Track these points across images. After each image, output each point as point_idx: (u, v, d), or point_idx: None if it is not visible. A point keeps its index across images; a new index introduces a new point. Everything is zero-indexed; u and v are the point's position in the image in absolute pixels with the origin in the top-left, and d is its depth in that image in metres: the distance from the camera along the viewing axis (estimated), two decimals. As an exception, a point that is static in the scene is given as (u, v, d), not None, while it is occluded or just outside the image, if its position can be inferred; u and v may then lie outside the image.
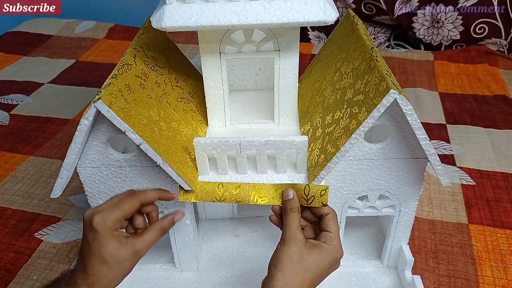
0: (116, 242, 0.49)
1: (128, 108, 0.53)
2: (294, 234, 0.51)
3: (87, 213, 0.50)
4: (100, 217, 0.49)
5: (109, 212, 0.49)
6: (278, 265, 0.50)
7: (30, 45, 1.58)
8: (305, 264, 0.50)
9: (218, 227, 0.81)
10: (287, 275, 0.49)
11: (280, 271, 0.49)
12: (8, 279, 0.73)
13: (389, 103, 0.50)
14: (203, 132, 0.68)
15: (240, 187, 0.58)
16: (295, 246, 0.51)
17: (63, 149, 1.04)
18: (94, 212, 0.50)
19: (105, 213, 0.49)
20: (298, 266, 0.50)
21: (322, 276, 0.52)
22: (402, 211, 0.64)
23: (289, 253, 0.50)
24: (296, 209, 0.54)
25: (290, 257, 0.50)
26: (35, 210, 0.87)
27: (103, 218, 0.49)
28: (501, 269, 0.73)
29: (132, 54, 0.61)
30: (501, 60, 1.38)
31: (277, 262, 0.50)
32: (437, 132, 1.07)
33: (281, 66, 0.64)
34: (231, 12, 0.55)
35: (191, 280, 0.71)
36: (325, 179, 0.58)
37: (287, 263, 0.50)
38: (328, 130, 0.58)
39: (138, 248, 0.50)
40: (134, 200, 0.51)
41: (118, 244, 0.49)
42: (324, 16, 0.55)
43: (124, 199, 0.51)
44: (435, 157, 0.54)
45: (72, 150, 0.53)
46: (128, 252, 0.49)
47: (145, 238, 0.51)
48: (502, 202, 0.86)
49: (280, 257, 0.50)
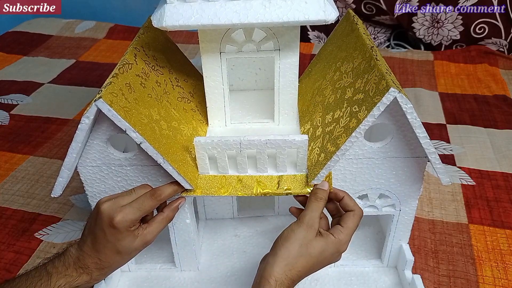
0: (132, 237, 0.54)
1: (128, 107, 0.53)
2: (312, 221, 0.53)
3: (104, 206, 0.53)
4: (122, 217, 0.52)
5: (130, 212, 0.53)
6: (285, 243, 0.51)
7: (30, 45, 1.58)
8: (311, 250, 0.51)
9: (218, 227, 0.81)
10: (292, 256, 0.50)
11: (286, 249, 0.51)
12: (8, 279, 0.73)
13: (389, 102, 0.50)
14: (204, 132, 0.68)
15: (242, 180, 0.59)
16: (309, 231, 0.52)
17: (63, 149, 1.04)
18: (114, 208, 0.53)
19: (126, 213, 0.53)
20: (304, 251, 0.51)
21: (322, 264, 0.54)
22: (402, 210, 0.64)
23: (300, 236, 0.51)
24: (324, 201, 0.55)
25: (300, 239, 0.51)
26: (35, 210, 0.87)
27: (124, 218, 0.52)
28: (501, 269, 0.73)
29: (132, 53, 0.61)
30: (501, 60, 1.38)
31: (285, 240, 0.52)
32: (437, 132, 1.07)
33: (281, 66, 0.64)
34: (232, 11, 0.55)
35: (191, 280, 0.71)
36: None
37: (294, 244, 0.51)
38: (328, 129, 0.58)
39: (148, 238, 0.55)
40: (155, 202, 0.55)
41: (133, 238, 0.54)
42: (324, 15, 0.55)
43: (145, 201, 0.54)
44: (435, 155, 0.54)
45: (72, 149, 0.53)
46: (139, 243, 0.54)
47: (153, 228, 0.55)
48: (502, 202, 0.86)
49: (290, 236, 0.52)
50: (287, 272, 0.50)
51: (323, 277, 0.70)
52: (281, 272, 0.49)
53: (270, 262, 0.50)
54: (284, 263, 0.50)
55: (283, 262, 0.50)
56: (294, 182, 0.59)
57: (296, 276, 0.51)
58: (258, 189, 0.59)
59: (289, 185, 0.58)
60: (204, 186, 0.59)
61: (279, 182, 0.59)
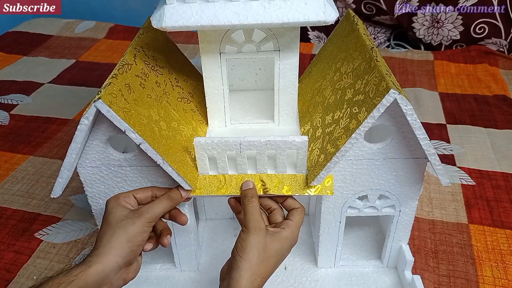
0: (122, 208, 0.54)
1: (128, 107, 0.53)
2: (258, 223, 0.53)
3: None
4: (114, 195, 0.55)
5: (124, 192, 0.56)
6: (244, 255, 0.51)
7: (30, 45, 1.58)
8: (268, 252, 0.52)
9: (218, 227, 0.81)
10: (254, 265, 0.51)
11: (246, 260, 0.51)
12: (8, 279, 0.73)
13: (389, 103, 0.50)
14: (203, 132, 0.68)
15: (242, 179, 0.59)
16: (260, 235, 0.52)
17: (63, 149, 1.04)
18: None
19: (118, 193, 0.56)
20: (263, 255, 0.51)
21: (280, 262, 0.54)
22: (402, 211, 0.64)
23: (254, 242, 0.52)
24: (256, 198, 0.56)
25: (256, 246, 0.51)
26: (35, 210, 0.87)
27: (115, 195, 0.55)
28: (501, 269, 0.73)
29: (132, 54, 0.61)
30: (501, 60, 1.38)
31: (242, 251, 0.51)
32: (437, 132, 1.07)
33: (281, 66, 0.64)
34: (231, 12, 0.55)
35: (191, 280, 0.71)
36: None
37: (253, 253, 0.51)
38: (328, 130, 0.58)
39: (142, 209, 0.54)
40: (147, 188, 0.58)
41: (123, 208, 0.54)
42: (324, 16, 0.55)
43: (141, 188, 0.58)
44: (435, 157, 0.54)
45: (72, 149, 0.53)
46: (131, 213, 0.53)
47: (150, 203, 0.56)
48: (502, 202, 0.86)
49: (245, 246, 0.51)
50: (253, 282, 0.50)
51: (323, 277, 0.71)
52: (247, 285, 0.50)
53: (235, 277, 0.50)
54: (248, 275, 0.50)
55: (247, 274, 0.50)
56: (293, 183, 0.59)
57: (261, 283, 0.51)
58: (258, 189, 0.59)
59: (289, 186, 0.58)
60: (204, 187, 0.59)
61: (279, 183, 0.59)
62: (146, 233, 0.54)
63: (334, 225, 0.65)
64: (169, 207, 0.57)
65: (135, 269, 0.55)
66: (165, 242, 0.57)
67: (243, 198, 0.56)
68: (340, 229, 0.66)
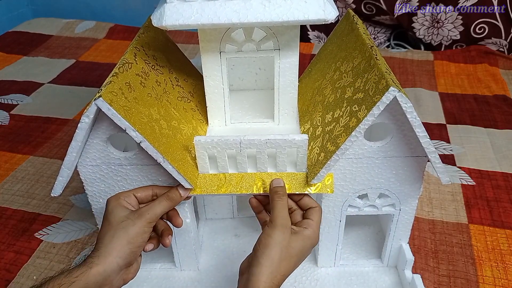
0: (123, 208, 0.54)
1: (128, 106, 0.53)
2: (285, 221, 0.53)
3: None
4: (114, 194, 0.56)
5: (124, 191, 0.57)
6: (266, 250, 0.51)
7: (30, 45, 1.58)
8: (292, 250, 0.52)
9: (218, 227, 0.81)
10: (275, 261, 0.50)
11: (268, 256, 0.50)
12: (8, 279, 0.73)
13: (389, 101, 0.50)
14: (203, 131, 0.68)
15: (242, 179, 0.59)
16: (285, 232, 0.52)
17: (63, 149, 1.04)
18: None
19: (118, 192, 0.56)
20: (285, 253, 0.51)
21: (301, 261, 0.54)
22: (402, 210, 0.64)
23: (279, 239, 0.51)
24: (286, 196, 0.56)
25: (280, 243, 0.51)
26: (35, 210, 0.87)
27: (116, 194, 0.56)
28: (501, 269, 0.73)
29: (132, 53, 0.61)
30: (501, 60, 1.38)
31: (265, 247, 0.51)
32: (437, 132, 1.07)
33: (281, 65, 0.64)
34: (231, 11, 0.55)
35: (191, 280, 0.71)
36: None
37: (276, 249, 0.51)
38: (328, 129, 0.58)
39: (142, 210, 0.54)
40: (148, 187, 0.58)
41: (123, 209, 0.54)
42: (324, 14, 0.55)
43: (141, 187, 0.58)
44: (435, 155, 0.54)
45: (72, 148, 0.53)
46: (131, 213, 0.54)
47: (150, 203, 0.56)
48: (502, 202, 0.86)
49: (269, 243, 0.51)
50: (273, 280, 0.50)
51: (323, 276, 0.70)
52: (268, 281, 0.49)
53: (255, 272, 0.50)
54: (269, 271, 0.49)
55: (268, 270, 0.49)
56: (294, 181, 0.59)
57: (281, 281, 0.51)
58: (258, 188, 0.59)
59: (289, 184, 0.58)
60: (204, 185, 0.59)
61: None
62: (147, 234, 0.54)
63: (334, 224, 0.65)
64: (169, 207, 0.57)
65: (135, 269, 0.55)
66: (167, 242, 0.57)
67: (274, 195, 0.56)
68: (340, 228, 0.66)
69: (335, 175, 0.59)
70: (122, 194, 0.55)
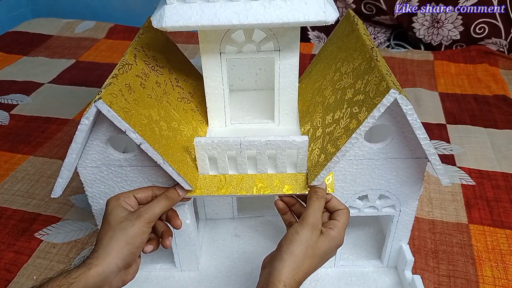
0: (122, 209, 0.54)
1: (128, 107, 0.53)
2: (317, 221, 0.53)
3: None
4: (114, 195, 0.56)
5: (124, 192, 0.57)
6: (291, 246, 0.51)
7: (30, 45, 1.58)
8: (317, 250, 0.52)
9: (218, 227, 0.81)
10: (299, 258, 0.50)
11: (291, 252, 0.50)
12: (8, 279, 0.73)
13: (389, 103, 0.50)
14: (204, 132, 0.68)
15: (242, 180, 0.59)
16: (314, 232, 0.52)
17: (63, 149, 1.04)
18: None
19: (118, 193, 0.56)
20: (310, 252, 0.51)
21: (324, 261, 0.54)
22: (402, 211, 0.64)
23: (306, 237, 0.51)
24: (324, 199, 0.56)
25: (306, 241, 0.51)
26: (35, 210, 0.87)
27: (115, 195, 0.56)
28: (501, 269, 0.73)
29: (132, 54, 0.61)
30: (501, 60, 1.38)
31: (290, 243, 0.51)
32: (437, 132, 1.07)
33: (281, 66, 0.64)
34: (232, 12, 0.55)
35: (191, 280, 0.71)
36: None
37: (301, 247, 0.51)
38: (328, 130, 0.58)
39: (141, 210, 0.54)
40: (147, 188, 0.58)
41: (123, 209, 0.54)
42: (324, 16, 0.55)
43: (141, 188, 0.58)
44: (435, 156, 0.54)
45: (72, 149, 0.53)
46: (130, 214, 0.54)
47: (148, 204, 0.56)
48: (502, 202, 0.86)
49: (295, 239, 0.51)
50: (295, 276, 0.50)
51: (323, 277, 0.71)
52: (289, 277, 0.49)
53: (277, 266, 0.50)
54: (292, 267, 0.50)
55: (291, 266, 0.50)
56: (294, 182, 0.59)
57: (303, 278, 0.51)
58: (258, 189, 0.59)
59: (289, 185, 0.58)
60: (204, 186, 0.59)
61: (280, 182, 0.59)
62: (146, 234, 0.54)
63: (334, 225, 0.65)
64: (168, 207, 0.57)
65: (134, 270, 0.55)
66: (167, 243, 0.57)
67: (313, 194, 0.55)
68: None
69: (335, 177, 0.59)
70: (121, 195, 0.55)
